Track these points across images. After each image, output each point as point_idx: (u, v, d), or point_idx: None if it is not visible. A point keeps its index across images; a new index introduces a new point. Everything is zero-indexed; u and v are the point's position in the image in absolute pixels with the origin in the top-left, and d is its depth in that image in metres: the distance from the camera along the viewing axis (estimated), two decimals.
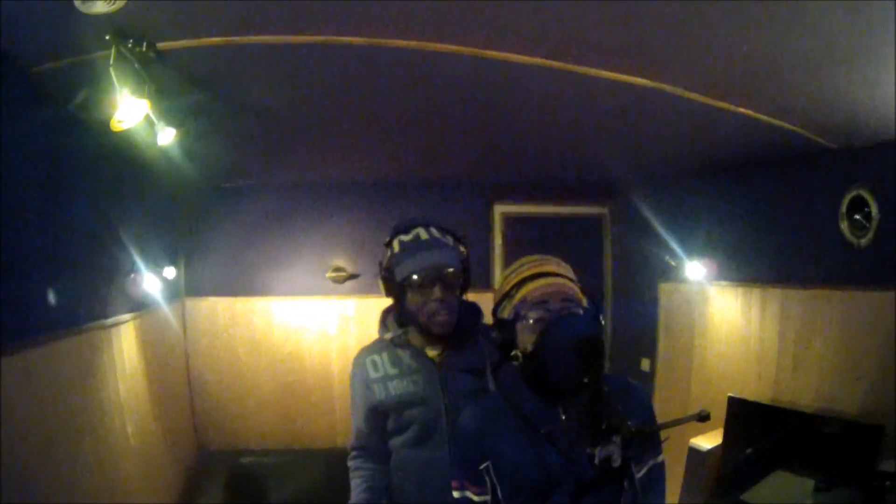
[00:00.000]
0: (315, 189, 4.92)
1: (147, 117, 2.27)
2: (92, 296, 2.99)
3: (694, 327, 5.03)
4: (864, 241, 3.62)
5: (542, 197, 5.69)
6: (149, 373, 3.69)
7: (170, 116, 2.49)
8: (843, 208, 3.73)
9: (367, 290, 4.98)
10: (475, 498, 1.85)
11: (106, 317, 3.10)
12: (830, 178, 3.86)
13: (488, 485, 1.82)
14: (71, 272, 2.72)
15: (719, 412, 4.21)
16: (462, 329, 2.38)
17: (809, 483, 3.57)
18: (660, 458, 1.88)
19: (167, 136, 2.50)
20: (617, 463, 1.57)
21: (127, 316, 3.41)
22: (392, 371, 2.37)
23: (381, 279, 2.39)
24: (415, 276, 2.24)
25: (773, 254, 4.37)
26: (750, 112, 3.21)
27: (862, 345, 3.67)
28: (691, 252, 4.94)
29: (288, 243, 4.89)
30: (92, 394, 2.87)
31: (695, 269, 4.85)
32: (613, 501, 1.74)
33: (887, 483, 3.17)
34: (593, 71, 2.66)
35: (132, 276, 3.46)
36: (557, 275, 1.84)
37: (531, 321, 1.76)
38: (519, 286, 1.83)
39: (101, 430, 2.93)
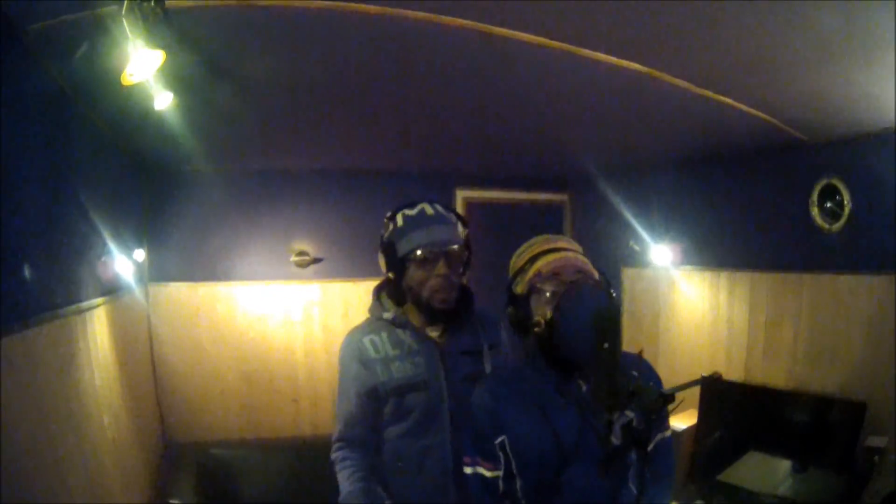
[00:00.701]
0: (279, 175, 4.82)
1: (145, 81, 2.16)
2: (67, 279, 2.82)
3: (660, 311, 5.11)
4: (835, 228, 3.73)
5: (505, 183, 5.73)
6: (119, 361, 3.52)
7: (169, 80, 2.37)
8: (814, 196, 3.86)
9: (330, 275, 4.94)
10: (487, 474, 1.86)
11: (80, 300, 2.91)
12: (801, 168, 3.98)
13: (501, 460, 1.84)
14: (44, 255, 2.57)
15: (692, 393, 4.23)
16: (459, 310, 2.35)
17: (785, 464, 3.63)
18: (667, 434, 1.94)
19: (165, 101, 2.39)
20: (641, 426, 1.57)
21: (98, 300, 3.21)
22: (394, 352, 2.30)
23: (381, 253, 2.34)
24: (419, 251, 2.20)
25: (743, 240, 4.47)
26: (730, 101, 3.24)
27: (834, 327, 3.78)
28: (657, 237, 5.01)
29: (251, 228, 4.78)
30: (72, 384, 2.69)
31: (660, 254, 4.92)
32: (624, 474, 1.79)
33: (875, 458, 3.23)
34: (577, 50, 2.60)
35: (103, 258, 3.29)
36: (568, 249, 1.89)
37: (547, 293, 1.80)
38: (532, 261, 1.87)
39: (83, 422, 2.76)
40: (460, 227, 2.36)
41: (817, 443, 3.58)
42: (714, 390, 4.17)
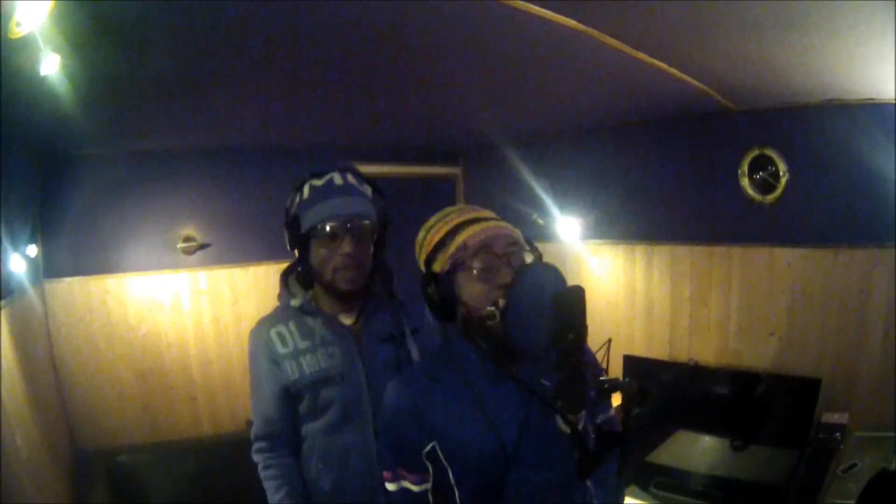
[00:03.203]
0: (166, 155, 4.38)
1: (33, 41, 1.79)
2: None
3: None
4: (770, 199, 3.68)
5: (394, 157, 5.44)
6: (23, 371, 3.15)
7: (57, 38, 2.00)
8: (745, 167, 3.79)
9: (217, 261, 4.58)
10: (415, 488, 1.55)
11: None
12: (729, 138, 3.89)
13: (430, 470, 1.53)
14: None
15: (615, 373, 4.11)
16: (375, 292, 2.15)
17: (721, 443, 3.58)
18: (611, 413, 1.77)
19: (52, 65, 2.02)
20: (618, 428, 1.45)
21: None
22: (303, 344, 2.07)
23: (285, 228, 2.09)
24: (321, 226, 1.97)
25: (662, 211, 4.35)
26: (664, 65, 3.06)
27: (768, 300, 3.74)
28: (564, 210, 4.82)
29: (139, 214, 4.33)
30: None
31: (567, 228, 4.73)
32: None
33: (837, 434, 3.21)
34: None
35: None
36: (491, 219, 1.64)
37: (475, 270, 1.52)
38: (452, 234, 1.59)
39: None
40: (379, 201, 2.15)
41: (765, 420, 3.54)
42: (640, 369, 4.07)
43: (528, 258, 1.58)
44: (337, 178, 2.07)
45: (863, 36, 2.46)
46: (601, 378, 1.50)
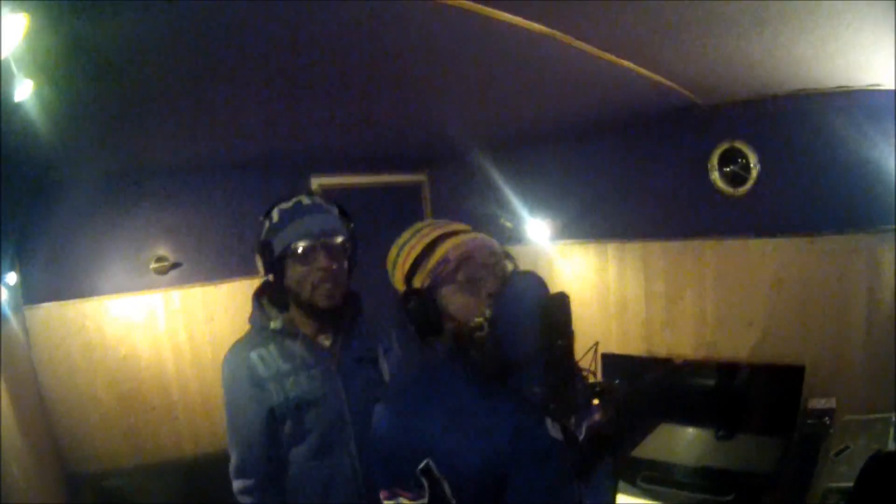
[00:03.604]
0: (132, 176, 4.36)
1: (6, 66, 1.76)
2: None
3: None
4: (741, 191, 3.74)
5: (361, 167, 5.46)
6: (13, 401, 3.10)
7: (30, 64, 1.97)
8: (714, 161, 3.85)
9: (190, 280, 4.58)
10: None
11: None
12: (696, 133, 3.96)
13: (426, 486, 1.53)
14: None
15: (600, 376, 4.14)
16: (347, 314, 2.16)
17: (705, 434, 3.62)
18: (601, 414, 1.75)
19: (25, 90, 2.00)
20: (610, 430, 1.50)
21: None
22: (285, 367, 2.07)
23: (257, 254, 2.09)
24: (295, 245, 1.99)
25: (631, 209, 4.41)
26: (631, 65, 3.08)
27: (745, 291, 3.81)
28: (533, 212, 4.85)
29: (110, 236, 4.32)
30: None
31: (537, 229, 4.78)
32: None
33: (825, 419, 3.26)
34: (473, 7, 2.20)
35: None
36: (467, 231, 1.68)
37: (460, 282, 1.55)
38: (431, 248, 1.62)
39: None
40: (347, 221, 2.17)
41: (749, 409, 3.60)
42: (619, 367, 4.11)
43: (509, 266, 1.60)
44: (305, 199, 2.10)
45: (832, 28, 2.50)
46: (592, 382, 1.53)
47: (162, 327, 4.45)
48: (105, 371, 4.21)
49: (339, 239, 2.06)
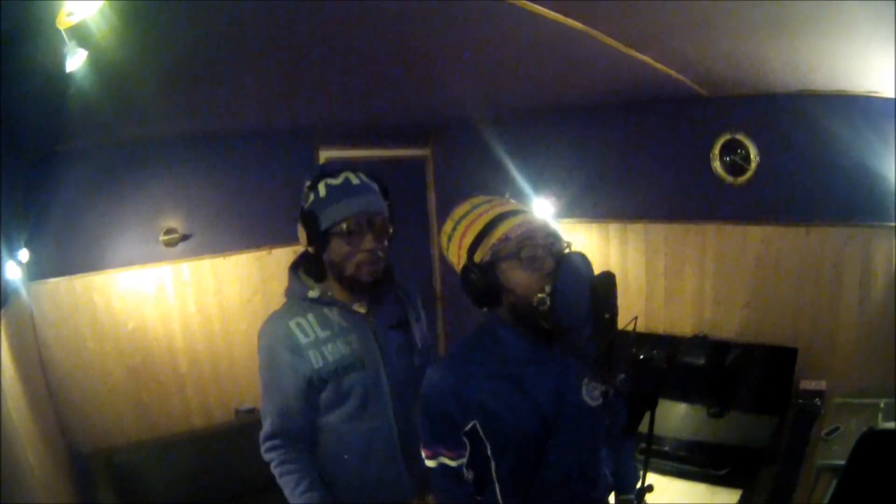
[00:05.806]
0: (141, 147, 4.27)
1: (59, 34, 1.78)
2: None
3: None
4: (741, 181, 3.89)
5: (368, 140, 5.45)
6: (22, 380, 3.08)
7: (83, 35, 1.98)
8: (716, 150, 4.00)
9: (199, 252, 4.54)
10: (452, 463, 1.70)
11: None
12: (701, 122, 4.10)
13: (468, 446, 1.68)
14: None
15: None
16: (382, 283, 2.21)
17: (697, 410, 3.79)
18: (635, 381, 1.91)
19: (78, 60, 2.00)
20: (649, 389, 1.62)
21: None
22: (323, 334, 2.11)
23: (301, 225, 2.12)
24: (345, 224, 2.03)
25: (635, 191, 4.54)
26: (649, 60, 3.20)
27: (742, 274, 3.98)
28: (538, 190, 4.91)
29: (118, 209, 4.23)
30: None
31: (541, 207, 4.80)
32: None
33: (817, 400, 3.41)
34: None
35: None
36: (527, 211, 1.76)
37: (522, 260, 1.64)
38: (493, 225, 1.69)
39: (11, 470, 2.38)
40: (386, 198, 2.21)
41: (743, 388, 3.76)
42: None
43: (564, 247, 1.70)
44: (353, 178, 2.12)
45: (837, 36, 2.62)
46: (634, 350, 1.68)
47: (172, 300, 4.44)
48: (114, 344, 4.19)
49: (384, 219, 2.12)
